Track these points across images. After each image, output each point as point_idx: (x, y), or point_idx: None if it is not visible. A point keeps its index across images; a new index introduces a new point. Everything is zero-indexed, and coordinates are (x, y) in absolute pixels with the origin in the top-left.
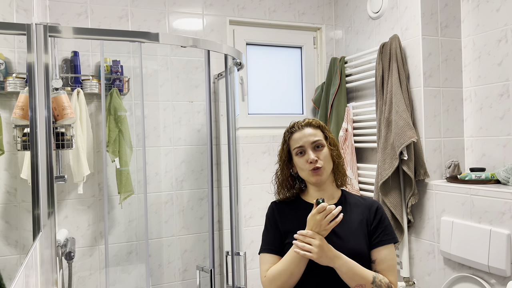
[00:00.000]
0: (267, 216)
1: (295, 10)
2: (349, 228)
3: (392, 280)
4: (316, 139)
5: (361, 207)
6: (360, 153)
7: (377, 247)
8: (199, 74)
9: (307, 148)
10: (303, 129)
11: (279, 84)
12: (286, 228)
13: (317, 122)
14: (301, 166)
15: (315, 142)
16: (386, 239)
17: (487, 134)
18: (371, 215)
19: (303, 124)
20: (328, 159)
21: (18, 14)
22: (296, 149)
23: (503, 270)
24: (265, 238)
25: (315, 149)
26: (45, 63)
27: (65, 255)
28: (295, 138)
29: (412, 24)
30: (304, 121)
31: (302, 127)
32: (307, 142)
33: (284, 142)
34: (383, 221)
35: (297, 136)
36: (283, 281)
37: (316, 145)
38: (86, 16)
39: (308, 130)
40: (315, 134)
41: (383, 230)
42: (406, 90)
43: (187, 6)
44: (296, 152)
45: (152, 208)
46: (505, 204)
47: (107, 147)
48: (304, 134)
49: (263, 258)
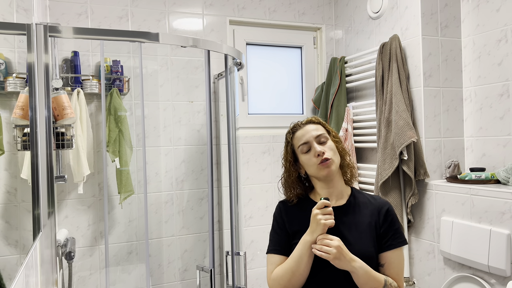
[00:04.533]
0: (274, 216)
1: (295, 10)
2: (357, 230)
3: (400, 285)
4: (320, 133)
5: (370, 208)
6: (360, 153)
7: (387, 251)
8: (199, 74)
9: (312, 143)
10: (304, 126)
11: (279, 84)
12: (293, 229)
13: (317, 119)
14: (308, 162)
15: (319, 136)
16: (396, 242)
17: (487, 134)
18: (381, 217)
19: (304, 123)
20: (335, 151)
21: (18, 14)
22: (301, 146)
23: (503, 270)
24: (272, 238)
25: (320, 143)
26: (45, 63)
27: (65, 255)
28: (298, 136)
29: (412, 24)
30: (304, 120)
31: (303, 125)
32: (311, 137)
33: (287, 144)
34: (393, 223)
35: (299, 133)
36: (287, 281)
37: (320, 139)
38: (86, 16)
39: (310, 127)
40: (317, 128)
41: (393, 233)
42: (406, 90)
43: (187, 6)
44: (301, 150)
45: (152, 208)
46: (505, 204)
47: (107, 147)
48: (307, 130)
49: (270, 258)
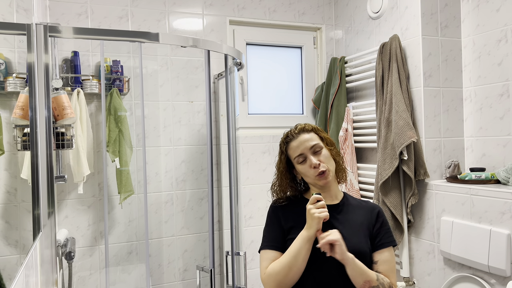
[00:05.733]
0: (268, 214)
1: (295, 10)
2: (351, 228)
3: (393, 281)
4: (314, 143)
5: (363, 209)
6: (360, 153)
7: (380, 249)
8: (199, 74)
9: (307, 154)
10: (298, 136)
11: (279, 84)
12: (288, 225)
13: (309, 126)
14: (306, 172)
15: (313, 146)
16: (389, 241)
17: (487, 134)
18: (373, 217)
19: (297, 132)
20: (330, 159)
21: (18, 14)
22: (297, 158)
23: (503, 270)
24: (266, 234)
25: (315, 153)
26: (45, 63)
27: (65, 255)
28: (293, 147)
29: (412, 24)
30: (296, 128)
31: (297, 134)
32: (305, 148)
33: (281, 153)
34: (385, 224)
35: (294, 144)
36: (284, 275)
37: (315, 149)
38: (86, 16)
39: (304, 136)
40: (311, 138)
41: (385, 233)
42: (406, 90)
43: (187, 6)
44: (297, 161)
45: (152, 208)
46: (505, 204)
47: (107, 147)
48: (301, 141)
49: (264, 255)
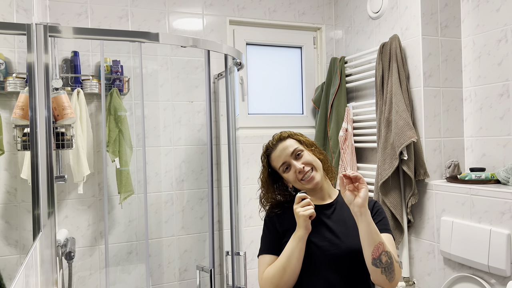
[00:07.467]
0: (265, 221)
1: (295, 10)
2: (345, 225)
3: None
4: (293, 148)
5: None
6: (360, 153)
7: None
8: (199, 74)
9: (290, 161)
10: (276, 147)
11: (279, 84)
12: (283, 228)
13: (285, 133)
14: (293, 179)
15: (293, 152)
16: (385, 228)
17: (487, 134)
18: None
19: (274, 143)
20: (313, 159)
21: (18, 14)
22: (281, 167)
23: (503, 270)
24: (264, 239)
25: (297, 158)
26: (45, 63)
27: (65, 255)
28: (274, 158)
29: (412, 24)
30: (273, 139)
31: (275, 145)
32: (287, 156)
33: (263, 167)
34: (380, 213)
35: (275, 155)
36: (279, 278)
37: (295, 154)
38: (86, 16)
39: (282, 145)
40: (290, 145)
41: (381, 220)
42: (406, 90)
43: (187, 6)
44: (282, 170)
45: (152, 208)
46: (505, 204)
47: (107, 147)
48: (280, 149)
49: (261, 259)
